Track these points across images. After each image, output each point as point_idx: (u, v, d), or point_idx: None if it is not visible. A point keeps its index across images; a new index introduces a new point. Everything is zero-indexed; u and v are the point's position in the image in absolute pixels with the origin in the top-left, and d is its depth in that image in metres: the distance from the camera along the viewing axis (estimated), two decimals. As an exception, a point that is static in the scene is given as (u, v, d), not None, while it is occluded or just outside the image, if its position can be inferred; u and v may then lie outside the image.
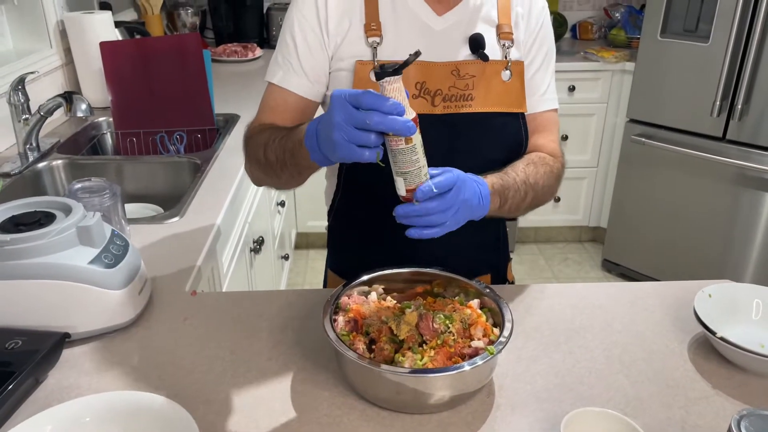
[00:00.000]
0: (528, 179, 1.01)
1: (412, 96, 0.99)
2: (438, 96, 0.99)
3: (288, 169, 0.94)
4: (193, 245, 1.24)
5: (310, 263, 3.17)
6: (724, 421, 0.80)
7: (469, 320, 0.85)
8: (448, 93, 1.00)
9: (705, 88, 2.54)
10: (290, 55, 1.02)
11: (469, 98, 1.01)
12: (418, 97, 0.99)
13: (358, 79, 0.99)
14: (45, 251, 0.89)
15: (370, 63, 0.98)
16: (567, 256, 3.30)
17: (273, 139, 0.96)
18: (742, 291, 1.00)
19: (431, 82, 0.99)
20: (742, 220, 2.59)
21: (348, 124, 0.75)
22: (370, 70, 0.98)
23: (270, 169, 0.98)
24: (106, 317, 0.94)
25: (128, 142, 1.88)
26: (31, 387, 0.84)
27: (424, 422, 0.79)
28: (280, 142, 0.94)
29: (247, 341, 0.95)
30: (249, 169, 1.06)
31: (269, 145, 0.96)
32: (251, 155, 1.02)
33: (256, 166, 1.02)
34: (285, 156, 0.92)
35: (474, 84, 1.01)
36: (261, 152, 0.98)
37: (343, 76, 1.01)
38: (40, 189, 1.63)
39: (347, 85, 1.00)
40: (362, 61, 0.99)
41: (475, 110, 1.01)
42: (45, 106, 1.61)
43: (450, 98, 1.00)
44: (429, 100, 0.99)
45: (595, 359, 0.92)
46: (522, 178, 1.00)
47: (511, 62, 1.04)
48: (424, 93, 0.99)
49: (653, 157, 2.78)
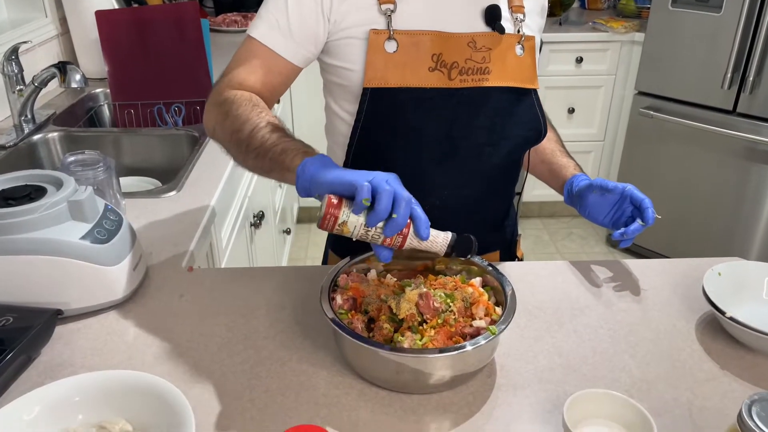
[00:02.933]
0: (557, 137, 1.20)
1: (429, 68, 0.94)
2: (454, 69, 0.95)
3: (263, 159, 0.87)
4: (190, 220, 1.21)
5: (313, 238, 3.15)
6: (732, 402, 0.78)
7: (471, 299, 0.83)
8: (464, 66, 0.96)
9: (716, 59, 2.48)
10: (279, 12, 0.95)
11: (486, 72, 0.97)
12: (434, 70, 0.95)
13: (373, 49, 0.93)
14: (35, 226, 0.87)
15: (385, 32, 0.93)
16: (571, 231, 3.28)
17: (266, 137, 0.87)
18: (752, 269, 0.98)
19: (447, 54, 0.95)
20: (750, 195, 2.55)
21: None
22: (384, 40, 0.93)
23: (244, 148, 0.90)
24: (99, 294, 0.92)
25: (126, 114, 1.85)
26: (24, 364, 0.83)
27: (424, 402, 0.78)
28: (279, 138, 0.86)
29: (244, 319, 0.93)
30: (212, 125, 0.97)
31: (260, 129, 0.88)
32: (228, 123, 0.93)
33: (225, 133, 0.93)
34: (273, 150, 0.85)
35: (490, 57, 0.97)
36: (247, 128, 0.89)
37: (354, 45, 0.95)
38: (35, 162, 1.60)
39: (360, 55, 0.94)
40: (376, 30, 0.93)
41: (492, 84, 0.98)
42: (39, 77, 1.57)
43: (467, 71, 0.96)
44: (446, 74, 0.95)
45: (600, 339, 0.90)
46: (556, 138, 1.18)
47: (524, 36, 1.00)
48: (440, 66, 0.95)
49: (661, 131, 2.73)
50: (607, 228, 1.06)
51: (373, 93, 0.94)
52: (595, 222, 1.06)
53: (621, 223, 1.03)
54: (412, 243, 0.76)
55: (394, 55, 0.93)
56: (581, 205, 1.06)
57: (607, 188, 1.01)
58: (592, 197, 1.04)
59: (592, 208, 1.05)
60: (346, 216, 0.73)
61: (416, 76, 0.94)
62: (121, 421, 0.70)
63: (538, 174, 1.20)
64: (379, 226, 0.74)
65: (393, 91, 0.94)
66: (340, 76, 0.98)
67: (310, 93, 2.78)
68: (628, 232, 0.99)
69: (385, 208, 0.71)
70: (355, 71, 0.95)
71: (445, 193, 1.01)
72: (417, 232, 0.75)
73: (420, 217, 0.74)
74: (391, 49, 0.93)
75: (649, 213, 0.98)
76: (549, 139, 1.17)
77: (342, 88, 0.99)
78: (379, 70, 0.94)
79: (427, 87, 0.94)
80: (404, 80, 0.94)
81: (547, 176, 1.17)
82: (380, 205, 0.71)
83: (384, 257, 0.77)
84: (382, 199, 0.71)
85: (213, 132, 0.99)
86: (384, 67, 0.94)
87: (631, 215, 1.03)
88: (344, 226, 0.74)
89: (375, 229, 0.74)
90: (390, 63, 0.94)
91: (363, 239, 0.75)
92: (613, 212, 1.04)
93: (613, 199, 1.03)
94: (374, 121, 0.96)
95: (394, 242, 0.75)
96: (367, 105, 0.95)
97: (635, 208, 1.01)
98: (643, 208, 0.99)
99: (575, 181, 1.08)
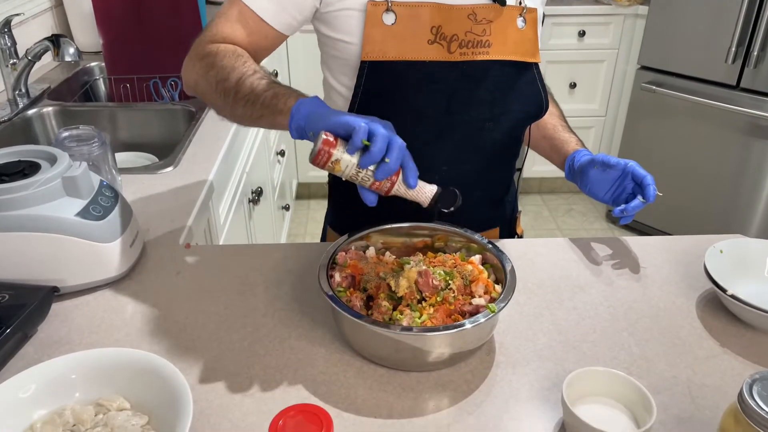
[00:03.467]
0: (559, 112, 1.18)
1: (428, 41, 0.93)
2: (454, 42, 0.93)
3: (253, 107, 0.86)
4: (187, 196, 1.20)
5: (312, 213, 3.14)
6: (733, 380, 0.78)
7: (471, 277, 0.82)
8: (464, 39, 0.94)
9: (720, 33, 2.44)
10: None
11: (486, 44, 0.95)
12: (434, 43, 0.93)
13: (371, 21, 0.91)
14: (29, 203, 0.86)
15: (383, 3, 0.91)
16: (571, 207, 3.27)
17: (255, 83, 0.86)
18: (754, 246, 0.97)
19: (447, 26, 0.93)
20: (751, 171, 2.54)
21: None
22: (383, 12, 0.91)
23: (231, 97, 0.88)
24: (95, 271, 0.91)
25: (121, 88, 1.82)
26: (20, 341, 0.82)
27: (423, 380, 0.77)
28: (268, 84, 0.86)
29: (243, 296, 0.92)
30: (194, 79, 0.95)
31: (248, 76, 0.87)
32: (212, 74, 0.91)
33: (210, 85, 0.91)
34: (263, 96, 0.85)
35: (491, 30, 0.95)
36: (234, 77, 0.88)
37: (352, 17, 0.92)
38: (30, 137, 1.58)
39: (358, 27, 0.92)
40: (374, 2, 0.91)
41: (492, 58, 0.96)
42: (32, 50, 1.54)
43: (467, 44, 0.94)
44: (445, 46, 0.93)
45: (600, 316, 0.89)
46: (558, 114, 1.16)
47: (526, 9, 0.97)
48: (440, 38, 0.93)
49: (663, 106, 2.70)
50: (608, 204, 1.05)
51: (371, 66, 0.93)
52: (595, 198, 1.05)
53: (622, 200, 1.02)
54: (399, 190, 0.78)
55: (392, 27, 0.91)
56: (582, 181, 1.05)
57: (608, 164, 1.00)
58: (593, 173, 1.03)
59: (593, 184, 1.04)
60: (340, 154, 0.75)
61: (415, 48, 0.92)
62: (118, 398, 0.70)
63: (539, 149, 1.18)
64: (370, 169, 0.75)
65: (391, 64, 0.92)
66: (338, 49, 0.96)
67: (308, 67, 2.75)
68: (628, 208, 0.98)
69: (379, 151, 0.73)
70: (353, 44, 0.94)
71: (444, 169, 0.99)
72: (405, 180, 0.77)
73: (410, 166, 0.77)
74: (390, 21, 0.91)
75: (651, 190, 0.97)
76: (551, 114, 1.15)
77: (340, 62, 0.97)
78: (377, 43, 0.92)
79: (426, 60, 0.93)
80: (403, 53, 0.92)
81: (549, 152, 1.16)
82: (375, 147, 0.73)
83: (369, 201, 0.78)
84: (377, 142, 0.73)
85: (195, 85, 0.97)
86: (382, 39, 0.92)
87: (632, 192, 1.02)
88: (337, 164, 0.75)
89: (366, 171, 0.75)
90: (388, 35, 0.91)
91: (353, 180, 0.77)
92: (614, 189, 1.03)
93: (614, 175, 1.02)
94: (372, 94, 0.94)
95: (382, 187, 0.77)
96: (365, 78, 0.93)
97: (636, 185, 1.00)
98: (645, 185, 0.98)
99: (577, 156, 1.07)
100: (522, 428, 0.71)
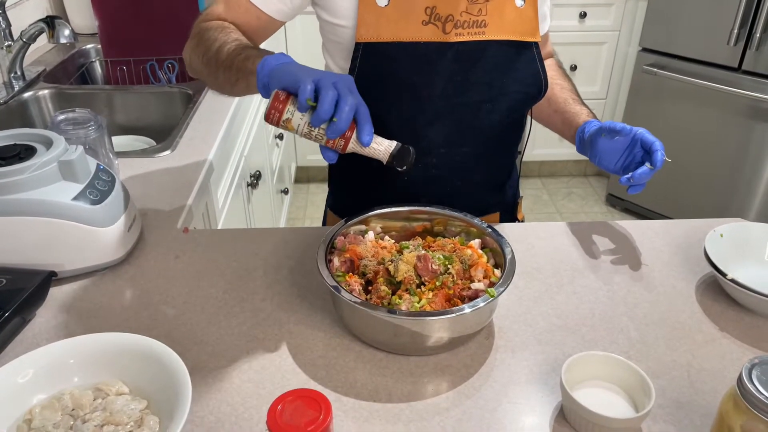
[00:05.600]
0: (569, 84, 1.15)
1: (422, 22, 0.91)
2: (449, 22, 0.91)
3: (228, 75, 0.88)
4: (185, 180, 1.19)
5: (311, 197, 3.13)
6: (732, 364, 0.78)
7: (470, 261, 0.81)
8: (460, 19, 0.92)
9: (723, 15, 2.42)
10: None
11: (483, 25, 0.93)
12: (428, 23, 0.91)
13: (364, 3, 0.90)
14: (25, 187, 0.85)
15: None
16: (571, 191, 3.26)
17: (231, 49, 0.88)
18: (754, 230, 0.96)
19: (442, 6, 0.91)
20: (752, 154, 2.53)
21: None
22: None
23: (215, 63, 0.90)
24: (93, 255, 0.91)
25: (118, 70, 1.81)
26: (18, 326, 0.82)
27: (421, 364, 0.77)
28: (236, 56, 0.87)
29: (241, 281, 0.92)
30: (188, 56, 0.98)
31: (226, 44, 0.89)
32: (200, 48, 0.93)
33: (198, 58, 0.94)
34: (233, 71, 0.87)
35: (487, 9, 0.93)
36: (214, 46, 0.90)
37: (346, 0, 0.92)
38: (26, 120, 1.57)
39: (352, 10, 0.91)
40: None
41: (489, 38, 0.94)
42: (27, 32, 1.52)
43: (462, 24, 0.92)
44: (440, 27, 0.92)
45: (599, 301, 0.89)
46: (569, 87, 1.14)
47: None
48: (434, 19, 0.91)
49: (664, 89, 2.68)
50: (618, 175, 0.99)
51: (365, 48, 0.92)
52: (606, 169, 1.01)
53: (631, 170, 0.97)
54: (355, 148, 0.77)
55: (385, 9, 0.90)
56: (592, 152, 1.00)
57: (615, 130, 0.95)
58: (602, 142, 0.98)
59: (603, 154, 0.99)
60: (290, 113, 0.74)
61: (409, 30, 0.91)
62: (117, 383, 0.70)
63: (551, 124, 1.14)
64: (323, 127, 0.74)
65: (385, 46, 0.91)
66: (335, 33, 0.95)
67: (306, 51, 2.72)
68: (635, 176, 0.92)
69: (326, 111, 0.71)
70: (348, 27, 0.93)
71: (441, 152, 0.98)
72: (359, 137, 0.75)
73: (364, 123, 0.74)
74: (383, 2, 0.90)
75: (658, 156, 0.92)
76: (563, 87, 1.12)
77: (337, 45, 0.96)
78: (371, 25, 0.91)
79: (420, 41, 0.91)
80: (397, 35, 0.91)
81: (560, 126, 1.11)
82: (322, 106, 0.71)
83: (329, 158, 0.77)
84: (324, 101, 0.71)
85: (190, 62, 0.99)
86: (376, 21, 0.90)
87: (641, 160, 0.97)
88: (288, 123, 0.75)
89: (318, 129, 0.74)
90: (382, 17, 0.90)
91: (307, 138, 0.76)
92: (624, 157, 0.98)
93: (623, 142, 0.97)
94: (367, 77, 0.93)
95: (337, 145, 0.76)
96: (360, 61, 0.92)
97: (646, 152, 0.96)
98: (653, 150, 0.93)
99: (587, 127, 1.03)
100: (521, 412, 0.71)
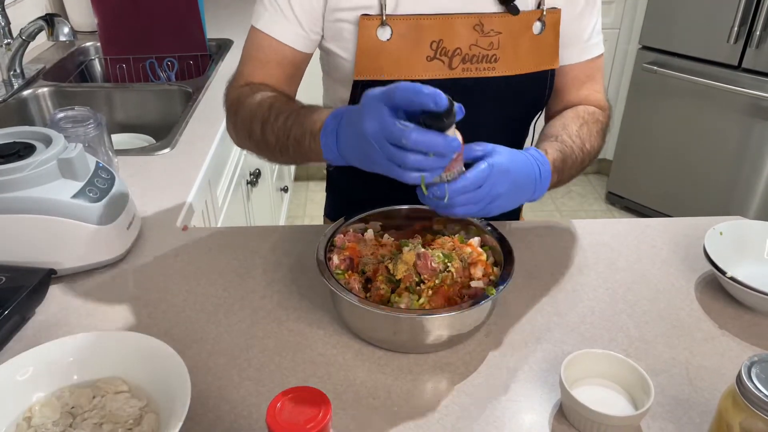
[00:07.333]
0: (584, 145, 0.89)
1: (427, 58, 0.85)
2: (456, 56, 0.85)
3: (290, 156, 0.82)
4: (185, 178, 1.19)
5: (310, 195, 3.13)
6: (731, 362, 0.78)
7: (469, 259, 0.81)
8: (468, 53, 0.86)
9: (723, 13, 2.42)
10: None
11: (493, 60, 0.87)
12: (433, 59, 0.85)
13: (364, 37, 0.85)
14: (24, 185, 0.85)
15: (377, 18, 0.84)
16: (570, 189, 3.26)
17: (274, 116, 0.82)
18: (754, 228, 0.96)
19: (449, 40, 0.85)
20: (751, 152, 2.53)
21: (383, 137, 0.63)
22: (377, 26, 0.84)
23: (266, 149, 0.85)
24: (93, 253, 0.91)
25: (117, 68, 1.80)
26: (18, 324, 0.82)
27: (421, 362, 0.77)
28: (285, 123, 0.80)
29: (241, 279, 0.92)
30: (235, 136, 0.93)
31: (269, 122, 0.82)
32: (240, 125, 0.89)
33: (246, 139, 0.89)
34: (289, 142, 0.80)
35: (500, 42, 0.87)
36: (257, 128, 0.84)
37: (345, 30, 0.87)
38: (25, 118, 1.57)
39: (352, 42, 0.86)
40: (368, 16, 0.85)
41: (499, 74, 0.88)
42: (26, 30, 1.52)
43: (471, 59, 0.86)
44: (446, 62, 0.86)
45: (599, 299, 0.89)
46: (579, 144, 0.88)
47: (545, 12, 0.88)
48: (440, 54, 0.85)
49: (664, 87, 2.68)
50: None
51: (364, 86, 0.86)
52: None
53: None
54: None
55: (387, 43, 0.85)
56: None
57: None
58: None
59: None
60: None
61: (412, 67, 0.86)
62: (116, 381, 0.70)
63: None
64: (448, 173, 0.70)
65: (386, 84, 0.89)
66: (335, 66, 0.91)
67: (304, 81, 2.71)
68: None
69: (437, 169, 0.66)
70: (348, 61, 0.88)
71: None
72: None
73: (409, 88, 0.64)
74: (385, 36, 0.85)
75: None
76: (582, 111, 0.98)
77: (336, 79, 0.93)
78: (372, 61, 0.86)
79: (423, 78, 0.85)
80: (398, 72, 0.86)
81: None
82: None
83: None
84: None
85: (238, 140, 0.94)
86: (377, 57, 0.85)
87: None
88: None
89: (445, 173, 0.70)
90: (383, 53, 0.85)
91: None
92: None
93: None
94: None
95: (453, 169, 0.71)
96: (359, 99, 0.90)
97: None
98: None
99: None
100: (520, 410, 0.71)
